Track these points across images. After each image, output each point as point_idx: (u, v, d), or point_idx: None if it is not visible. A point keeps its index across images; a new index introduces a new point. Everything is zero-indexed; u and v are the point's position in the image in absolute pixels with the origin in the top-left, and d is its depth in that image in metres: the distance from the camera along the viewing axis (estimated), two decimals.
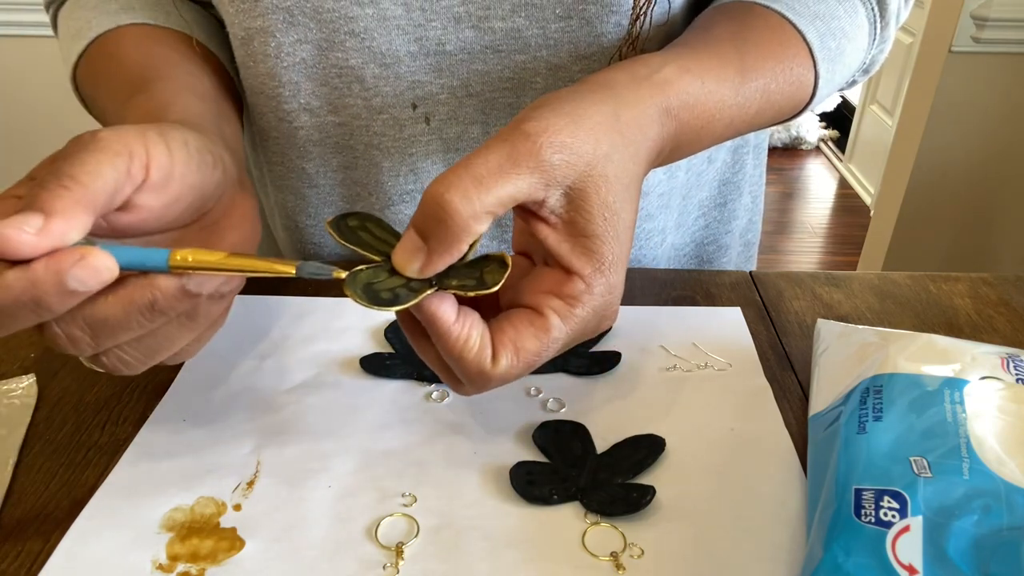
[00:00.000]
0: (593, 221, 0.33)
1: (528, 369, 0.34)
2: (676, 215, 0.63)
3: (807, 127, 3.41)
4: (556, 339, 0.33)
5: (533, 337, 0.33)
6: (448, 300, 0.33)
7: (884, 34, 0.51)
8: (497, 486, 0.39)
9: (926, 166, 1.82)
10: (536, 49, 0.50)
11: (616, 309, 0.35)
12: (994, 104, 1.75)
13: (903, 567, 0.29)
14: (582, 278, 0.33)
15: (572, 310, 0.33)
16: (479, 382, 0.34)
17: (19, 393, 0.45)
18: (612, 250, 0.33)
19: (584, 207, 0.33)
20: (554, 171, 0.32)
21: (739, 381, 0.47)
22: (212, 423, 0.43)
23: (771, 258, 2.64)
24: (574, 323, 0.33)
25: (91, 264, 0.29)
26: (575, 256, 0.33)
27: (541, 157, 0.31)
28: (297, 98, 0.53)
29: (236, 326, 0.51)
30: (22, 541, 0.36)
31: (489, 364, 0.33)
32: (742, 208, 0.69)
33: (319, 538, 0.36)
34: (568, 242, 0.33)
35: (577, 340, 0.35)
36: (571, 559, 0.35)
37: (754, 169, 0.69)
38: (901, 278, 0.58)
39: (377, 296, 0.32)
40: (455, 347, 0.33)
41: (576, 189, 0.33)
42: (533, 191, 0.32)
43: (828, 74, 0.46)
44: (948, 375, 0.39)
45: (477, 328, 0.33)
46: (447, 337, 0.33)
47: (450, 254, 0.32)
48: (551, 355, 0.34)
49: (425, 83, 0.52)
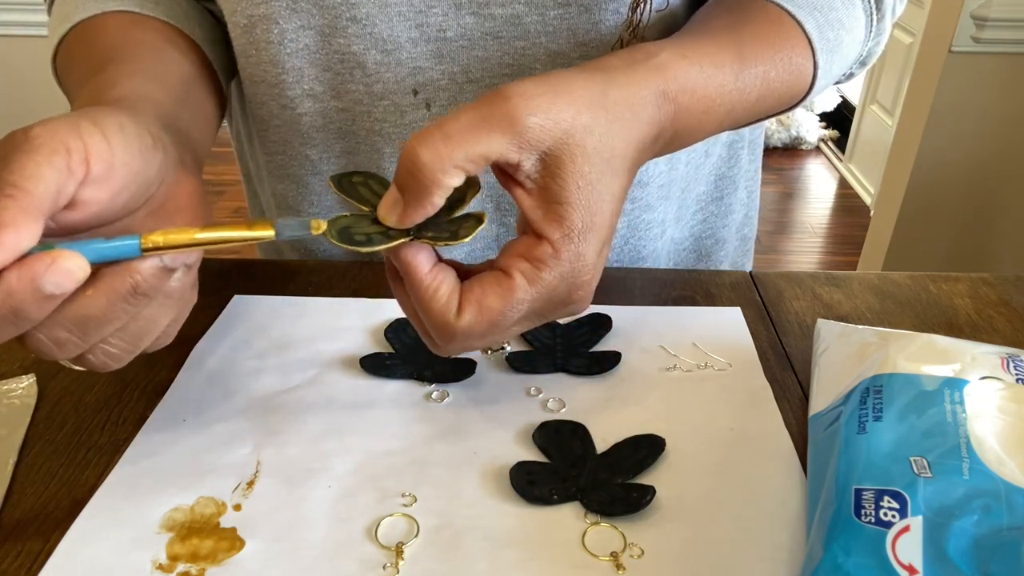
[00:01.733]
0: (566, 188, 0.33)
1: (492, 329, 0.34)
2: (676, 208, 0.63)
3: (807, 127, 3.41)
4: (520, 300, 0.34)
5: (498, 296, 0.34)
6: (425, 252, 0.35)
7: (880, 26, 0.51)
8: (497, 486, 0.39)
9: (926, 166, 1.82)
10: (535, 36, 0.51)
11: (588, 286, 0.35)
12: (994, 104, 1.75)
13: (903, 567, 0.29)
14: (550, 243, 0.33)
15: (538, 273, 0.34)
16: (445, 336, 0.35)
17: (19, 393, 0.45)
18: (583, 218, 0.33)
19: (559, 174, 0.33)
20: (527, 133, 0.32)
21: (739, 381, 0.47)
22: (212, 423, 0.43)
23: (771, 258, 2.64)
24: (539, 287, 0.34)
25: (63, 267, 0.29)
26: (546, 221, 0.34)
27: (514, 117, 0.32)
28: (300, 84, 0.53)
29: (236, 326, 0.51)
30: (22, 541, 0.36)
31: (453, 317, 0.34)
32: (738, 203, 0.69)
33: (319, 538, 0.36)
34: (541, 208, 0.34)
35: (545, 309, 0.35)
36: (571, 559, 0.35)
37: (749, 164, 0.69)
38: (901, 278, 0.58)
39: (351, 238, 0.34)
40: (424, 296, 0.34)
41: (552, 155, 0.33)
42: (505, 151, 0.32)
43: (827, 65, 0.46)
44: (948, 375, 0.39)
45: (448, 282, 0.35)
46: (419, 286, 0.35)
47: (422, 206, 0.33)
48: (516, 318, 0.34)
49: (426, 69, 0.52)
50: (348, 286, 0.56)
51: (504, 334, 0.36)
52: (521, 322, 0.35)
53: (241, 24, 0.51)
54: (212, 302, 0.54)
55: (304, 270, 0.59)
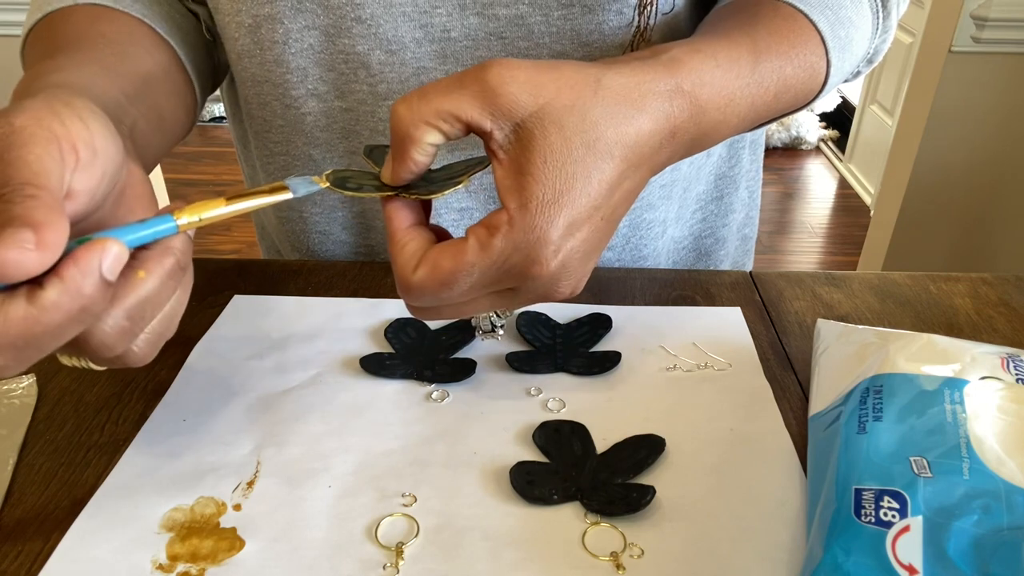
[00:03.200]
0: (531, 161, 0.33)
1: (442, 288, 0.34)
2: (676, 207, 0.63)
3: (807, 127, 3.41)
4: (470, 263, 0.34)
5: (450, 256, 0.34)
6: (406, 210, 0.36)
7: (886, 24, 0.51)
8: (497, 486, 0.39)
9: (926, 166, 1.82)
10: (539, 36, 0.51)
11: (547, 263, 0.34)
12: (994, 104, 1.74)
13: (903, 567, 0.29)
14: (507, 210, 0.33)
15: (490, 239, 0.33)
16: (402, 288, 0.36)
17: (19, 393, 0.45)
18: (544, 192, 0.33)
19: (528, 146, 0.33)
20: (499, 100, 0.32)
21: (739, 381, 0.47)
22: (212, 423, 0.43)
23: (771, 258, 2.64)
24: (489, 253, 0.33)
25: (113, 253, 0.29)
26: (507, 191, 0.34)
27: (488, 83, 0.32)
28: (305, 84, 0.53)
29: (236, 326, 0.51)
30: (22, 541, 0.36)
31: (410, 272, 0.35)
32: (739, 203, 0.69)
33: (319, 538, 0.36)
34: (508, 179, 0.34)
35: (499, 280, 0.35)
36: (571, 559, 0.35)
37: (751, 164, 0.69)
38: (901, 278, 0.58)
39: (344, 184, 0.37)
40: (394, 249, 0.36)
41: (524, 128, 0.33)
42: (475, 115, 0.33)
43: (839, 62, 0.46)
44: (948, 375, 0.39)
45: (418, 240, 0.36)
46: (392, 238, 0.36)
47: (403, 161, 0.35)
48: (469, 282, 0.34)
49: (430, 69, 0.52)
50: (348, 286, 0.56)
51: (464, 302, 0.36)
52: (478, 289, 0.35)
53: (246, 24, 0.51)
54: (212, 302, 0.54)
55: (304, 270, 0.59)
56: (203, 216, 0.33)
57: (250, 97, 0.56)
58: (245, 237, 2.65)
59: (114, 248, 0.29)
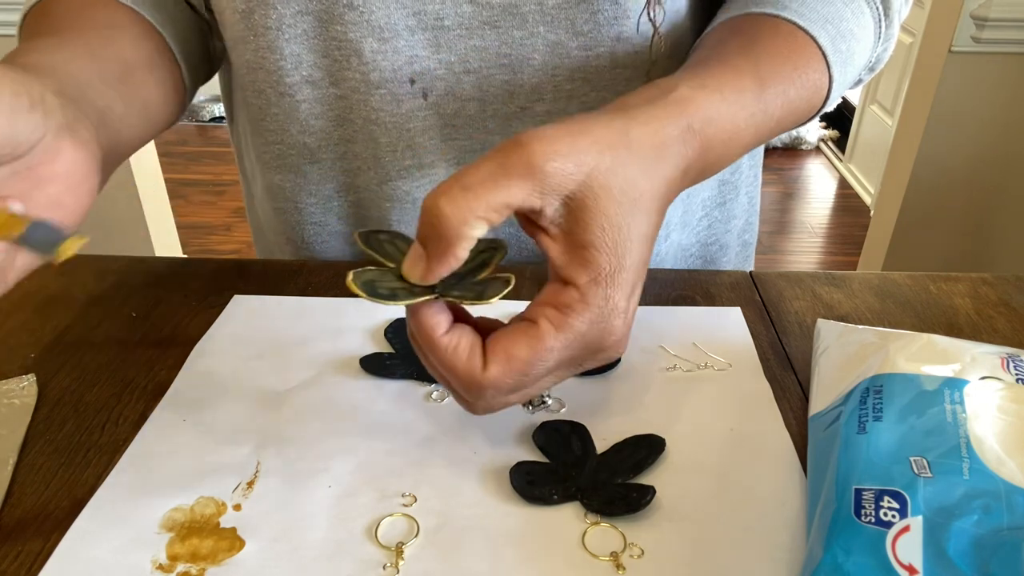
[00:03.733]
0: (589, 231, 0.32)
1: (522, 380, 0.34)
2: (680, 212, 0.63)
3: (807, 127, 3.41)
4: (550, 348, 0.33)
5: (525, 345, 0.33)
6: (440, 312, 0.34)
7: (888, 32, 0.51)
8: (497, 486, 0.39)
9: (926, 166, 1.82)
10: (533, 25, 0.51)
11: (619, 331, 0.34)
12: (994, 104, 1.75)
13: (903, 567, 0.29)
14: (576, 287, 0.33)
15: (565, 319, 0.33)
16: (473, 391, 0.34)
17: (19, 393, 0.45)
18: (610, 261, 0.33)
19: (582, 217, 0.32)
20: (547, 179, 0.32)
21: (739, 381, 0.47)
22: (212, 423, 0.43)
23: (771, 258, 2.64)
24: (568, 333, 0.33)
25: None
26: (572, 266, 0.33)
27: (533, 163, 0.31)
28: (299, 71, 0.53)
29: (236, 326, 0.51)
30: (22, 541, 0.36)
31: (479, 371, 0.33)
32: (739, 208, 0.69)
33: (319, 538, 0.36)
34: (567, 253, 0.33)
35: (577, 357, 0.34)
36: (571, 559, 0.35)
37: (750, 170, 0.69)
38: (901, 278, 0.58)
39: (376, 291, 0.34)
40: (445, 355, 0.34)
41: (575, 199, 0.32)
42: (526, 198, 0.32)
43: (841, 76, 0.46)
44: (948, 375, 0.39)
45: (467, 338, 0.34)
46: (437, 346, 0.34)
47: (446, 260, 0.33)
48: (547, 367, 0.34)
49: (423, 58, 0.52)
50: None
51: (536, 386, 0.35)
52: (554, 372, 0.34)
53: (240, 10, 0.51)
54: (212, 302, 0.54)
55: (304, 270, 0.59)
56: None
57: (245, 84, 0.56)
58: (245, 237, 2.65)
59: None
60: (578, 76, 0.53)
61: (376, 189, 0.58)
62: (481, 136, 0.55)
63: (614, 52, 0.52)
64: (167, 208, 2.11)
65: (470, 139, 0.56)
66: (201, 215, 2.83)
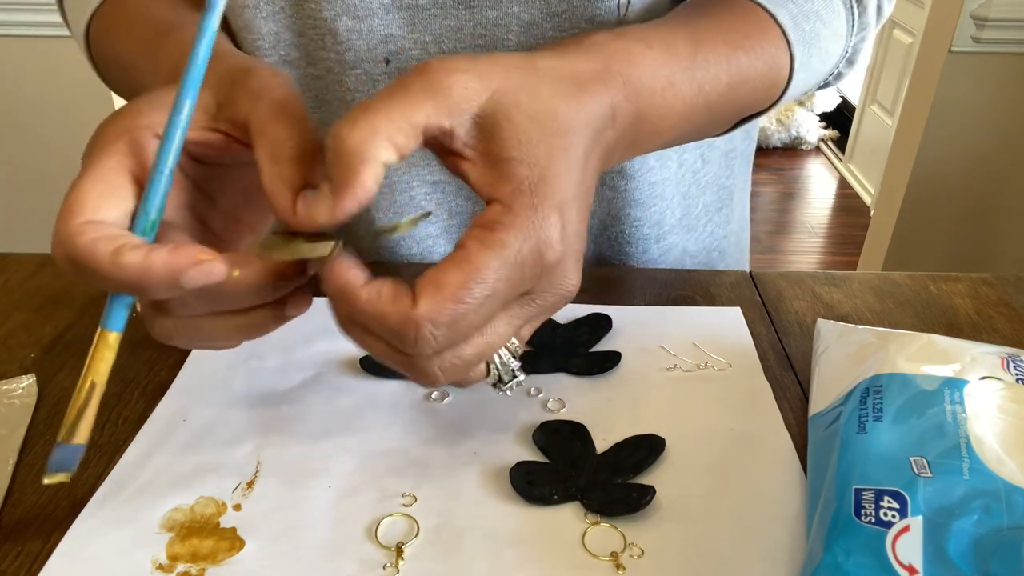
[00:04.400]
0: (506, 146, 0.31)
1: (459, 309, 0.30)
2: (679, 215, 0.63)
3: (807, 127, 3.41)
4: (481, 267, 0.30)
5: (454, 270, 0.30)
6: (353, 267, 0.32)
7: (862, 20, 0.50)
8: (497, 486, 0.39)
9: (926, 166, 1.82)
10: (508, 4, 0.50)
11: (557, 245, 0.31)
12: (994, 104, 1.75)
13: (903, 567, 0.29)
14: (499, 201, 0.31)
15: (492, 234, 0.30)
16: (410, 337, 0.30)
17: (19, 393, 0.45)
18: (531, 171, 0.31)
19: (496, 134, 0.31)
20: (451, 95, 0.31)
21: (739, 381, 0.47)
22: (212, 423, 0.43)
23: (771, 258, 2.64)
24: (499, 249, 0.30)
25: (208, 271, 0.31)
26: (492, 183, 0.31)
27: (433, 81, 0.31)
28: (277, 49, 0.53)
29: None
30: (22, 541, 0.36)
31: (409, 307, 0.30)
32: (735, 213, 0.69)
33: (319, 538, 0.36)
34: (486, 172, 0.32)
35: (518, 281, 0.31)
36: (571, 559, 0.35)
37: (742, 176, 0.69)
38: (901, 278, 0.58)
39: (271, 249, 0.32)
40: (369, 306, 0.31)
41: (486, 116, 0.31)
42: (431, 116, 0.31)
43: (804, 57, 0.45)
44: (948, 375, 0.39)
45: (389, 283, 0.31)
46: (358, 298, 0.31)
47: (352, 189, 0.30)
48: (484, 292, 0.30)
49: (398, 37, 0.52)
50: None
51: (483, 328, 0.32)
52: (495, 303, 0.31)
53: None
54: None
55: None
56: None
57: None
58: None
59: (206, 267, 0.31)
60: None
61: None
62: None
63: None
64: None
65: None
66: None
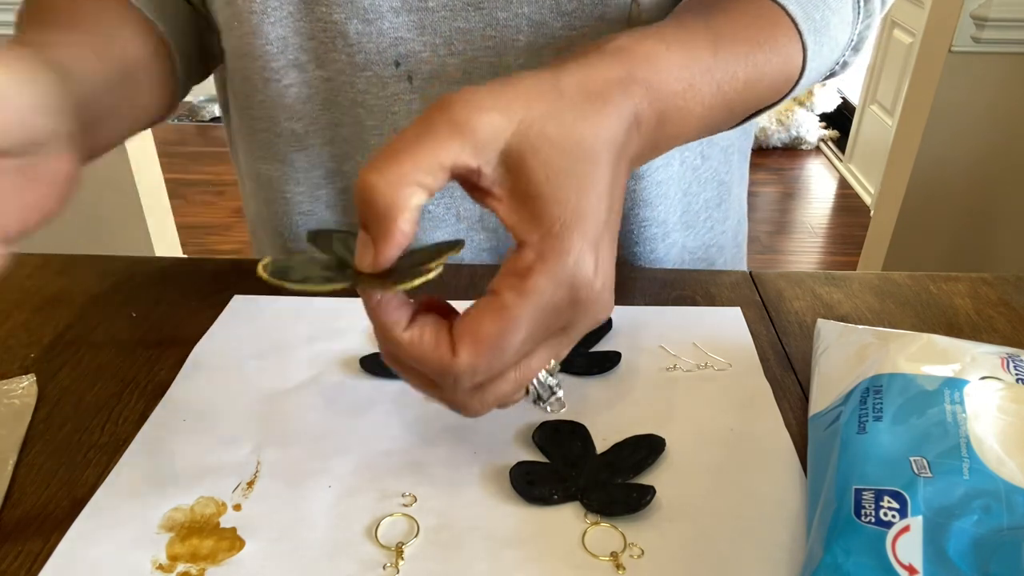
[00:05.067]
0: (533, 183, 0.30)
1: (497, 358, 0.31)
2: (680, 212, 0.63)
3: (807, 127, 3.41)
4: (516, 317, 0.30)
5: (490, 320, 0.30)
6: (398, 308, 0.32)
7: (868, 7, 0.50)
8: (497, 486, 0.39)
9: (926, 166, 1.82)
10: (517, 5, 0.50)
11: (591, 285, 0.31)
12: (994, 104, 1.74)
13: (903, 567, 0.29)
14: (530, 246, 0.31)
15: (525, 282, 0.30)
16: (449, 383, 0.32)
17: (19, 393, 0.45)
18: (563, 210, 0.30)
19: (523, 170, 0.30)
20: (477, 134, 0.30)
21: (739, 381, 0.47)
22: (212, 423, 0.43)
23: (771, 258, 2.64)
24: (533, 297, 0.30)
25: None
26: (522, 224, 0.31)
27: (457, 120, 0.30)
28: (285, 54, 0.53)
29: (236, 326, 0.51)
30: (22, 541, 0.36)
31: (449, 358, 0.31)
32: (732, 208, 0.69)
33: (319, 538, 0.36)
34: (516, 211, 0.31)
35: (554, 322, 0.31)
36: (571, 559, 0.35)
37: (739, 170, 0.69)
38: (901, 278, 0.58)
39: (286, 275, 0.32)
40: (411, 350, 0.32)
41: (512, 153, 0.30)
42: (458, 157, 0.30)
43: (816, 46, 0.45)
44: (948, 375, 0.39)
45: (430, 327, 0.32)
46: (400, 343, 0.32)
47: (391, 237, 0.30)
48: (521, 339, 0.31)
49: (408, 40, 0.52)
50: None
51: (523, 367, 0.33)
52: (537, 345, 0.32)
53: None
54: (212, 302, 0.54)
55: None
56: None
57: (235, 71, 0.56)
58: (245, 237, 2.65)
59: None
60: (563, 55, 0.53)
61: None
62: None
63: (598, 31, 0.52)
64: (167, 208, 2.11)
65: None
66: (201, 215, 2.83)
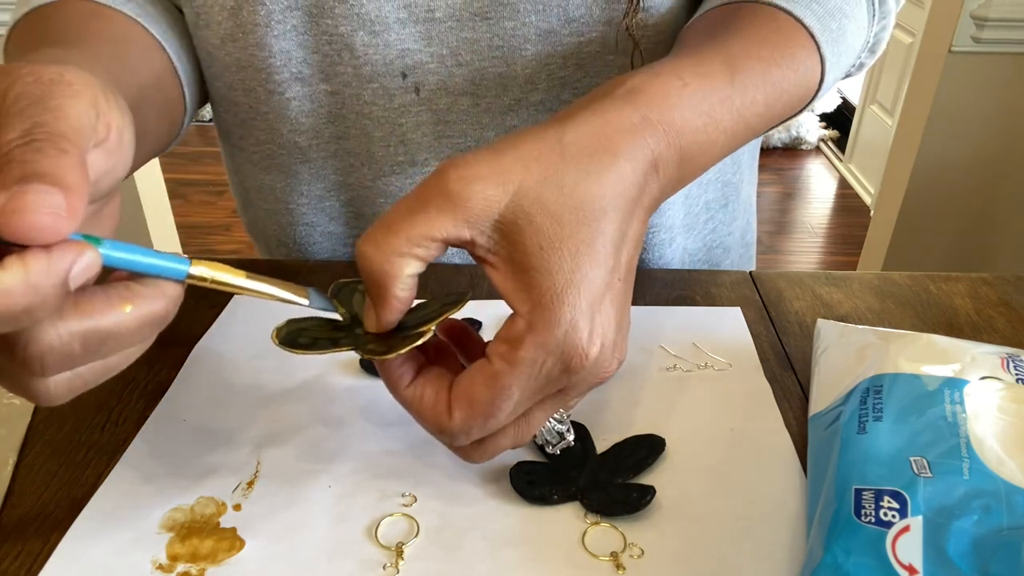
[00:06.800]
0: (527, 253, 0.30)
1: (489, 421, 0.32)
2: (682, 215, 0.63)
3: (807, 127, 3.41)
4: (507, 387, 0.31)
5: (482, 386, 0.31)
6: (401, 366, 0.34)
7: (883, 9, 0.49)
8: (497, 486, 0.39)
9: (926, 166, 1.82)
10: (525, 14, 0.50)
11: (587, 354, 0.31)
12: (994, 104, 1.74)
13: (903, 567, 0.29)
14: (521, 316, 0.31)
15: (515, 352, 0.31)
16: (447, 439, 0.34)
17: None
18: (554, 281, 0.30)
19: (518, 240, 0.30)
20: (469, 206, 0.30)
21: (739, 381, 0.47)
22: (212, 423, 0.43)
23: (771, 258, 2.64)
24: (522, 367, 0.31)
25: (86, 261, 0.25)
26: (515, 294, 0.31)
27: (449, 191, 0.30)
28: (288, 67, 0.53)
29: (236, 326, 0.51)
30: (22, 541, 0.36)
31: (446, 419, 0.32)
32: (740, 209, 0.69)
33: (319, 538, 0.36)
34: (510, 280, 0.31)
35: (546, 387, 0.32)
36: (571, 559, 0.35)
37: (749, 170, 0.69)
38: (901, 278, 0.58)
39: (295, 341, 0.35)
40: (412, 408, 0.34)
41: (507, 222, 0.30)
42: (451, 230, 0.30)
43: (834, 56, 0.44)
44: (948, 375, 0.39)
45: (431, 387, 0.33)
46: (403, 399, 0.34)
47: (388, 303, 0.32)
48: (513, 403, 0.32)
49: (415, 51, 0.52)
50: None
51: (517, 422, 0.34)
52: (525, 405, 0.33)
53: (228, 7, 0.51)
54: (212, 302, 0.54)
55: (304, 270, 0.59)
56: (215, 277, 0.30)
57: (235, 84, 0.55)
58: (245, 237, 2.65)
59: (88, 256, 0.25)
60: (571, 63, 0.53)
61: (370, 185, 0.57)
62: (475, 132, 0.55)
63: (605, 37, 0.52)
64: (167, 208, 2.11)
65: (464, 136, 0.55)
66: (201, 215, 2.83)
